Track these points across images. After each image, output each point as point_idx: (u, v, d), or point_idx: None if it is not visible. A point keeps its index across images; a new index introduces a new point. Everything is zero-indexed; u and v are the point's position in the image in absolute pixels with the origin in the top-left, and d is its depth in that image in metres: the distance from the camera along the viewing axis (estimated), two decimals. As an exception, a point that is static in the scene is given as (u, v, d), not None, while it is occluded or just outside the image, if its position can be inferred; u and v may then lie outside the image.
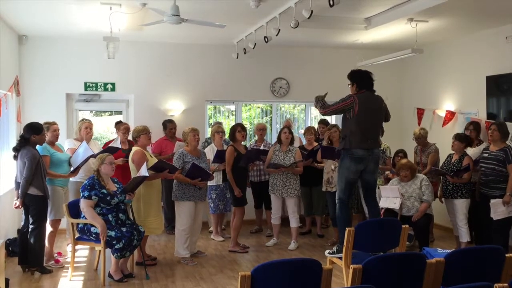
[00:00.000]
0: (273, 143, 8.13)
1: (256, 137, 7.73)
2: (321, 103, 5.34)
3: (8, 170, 6.36)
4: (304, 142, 7.72)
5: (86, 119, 6.78)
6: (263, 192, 7.15)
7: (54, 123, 6.07)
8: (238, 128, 6.50)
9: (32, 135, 5.47)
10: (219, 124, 7.55)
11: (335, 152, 6.16)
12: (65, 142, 6.59)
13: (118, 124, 7.12)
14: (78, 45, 7.73)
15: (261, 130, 7.60)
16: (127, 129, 6.89)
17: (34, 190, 5.40)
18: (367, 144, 5.10)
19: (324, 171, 6.80)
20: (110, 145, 6.66)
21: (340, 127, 5.77)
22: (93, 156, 5.95)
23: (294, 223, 6.78)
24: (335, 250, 5.03)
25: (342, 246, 4.45)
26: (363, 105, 5.08)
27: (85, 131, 6.51)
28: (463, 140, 6.31)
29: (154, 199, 5.87)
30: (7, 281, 4.85)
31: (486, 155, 5.94)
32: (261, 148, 7.28)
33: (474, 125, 6.69)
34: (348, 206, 5.41)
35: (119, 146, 6.60)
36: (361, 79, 5.25)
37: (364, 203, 6.60)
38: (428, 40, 7.63)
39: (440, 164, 6.77)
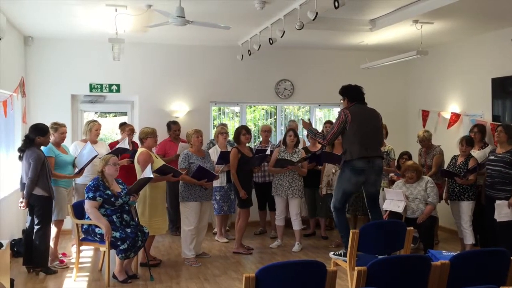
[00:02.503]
0: (276, 143, 8.13)
1: (261, 138, 7.73)
2: (320, 135, 5.53)
3: (14, 171, 6.39)
4: (308, 143, 7.72)
5: (95, 120, 6.81)
6: (267, 193, 7.15)
7: (63, 125, 6.09)
8: (243, 131, 6.49)
9: (37, 137, 5.50)
10: (223, 125, 7.56)
11: (335, 157, 6.23)
12: (71, 146, 6.61)
13: (123, 125, 7.14)
14: (83, 46, 7.76)
15: (266, 131, 7.60)
16: (132, 131, 6.91)
17: (39, 190, 5.42)
18: (366, 152, 5.10)
19: (324, 174, 6.80)
20: (118, 145, 6.67)
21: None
22: (97, 156, 5.99)
23: (297, 225, 6.78)
24: (343, 253, 5.01)
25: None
26: (356, 115, 5.15)
27: (96, 133, 6.57)
28: (473, 144, 6.32)
29: (160, 199, 5.89)
30: (12, 282, 4.86)
31: (492, 157, 5.91)
32: (267, 149, 7.27)
33: (478, 127, 6.67)
34: (344, 212, 5.41)
35: (127, 146, 6.61)
36: (350, 93, 5.35)
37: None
38: (433, 42, 7.61)
39: (445, 166, 6.75)
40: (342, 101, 5.44)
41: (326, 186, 6.78)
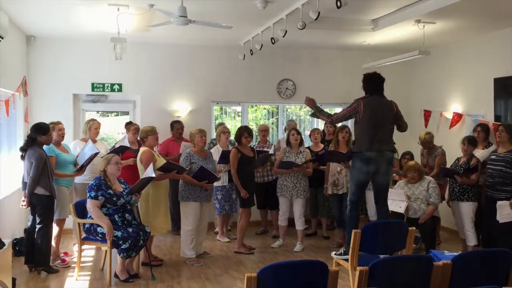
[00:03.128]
0: (275, 142, 8.11)
1: (259, 138, 7.72)
2: (325, 113, 5.50)
3: (16, 170, 6.39)
4: (308, 143, 7.70)
5: (95, 119, 6.83)
6: (268, 193, 7.15)
7: (59, 123, 6.10)
8: (245, 134, 6.45)
9: (39, 136, 5.50)
10: (222, 124, 7.56)
11: (340, 155, 6.22)
12: (71, 144, 6.62)
13: (128, 124, 7.14)
14: (86, 46, 7.76)
15: (264, 131, 7.59)
16: (137, 130, 6.90)
17: (41, 190, 5.43)
18: (374, 146, 5.12)
19: (329, 173, 6.78)
20: (117, 144, 6.67)
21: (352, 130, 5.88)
22: (97, 154, 5.98)
23: (300, 225, 6.77)
24: (342, 252, 5.03)
25: (349, 248, 4.45)
26: (368, 108, 5.15)
27: (95, 132, 6.58)
28: (475, 143, 6.30)
29: (162, 199, 5.89)
30: (14, 281, 4.86)
31: (494, 157, 5.90)
32: (268, 150, 7.26)
33: (482, 126, 6.65)
34: (358, 208, 5.44)
35: (127, 144, 6.61)
36: (367, 84, 5.34)
37: (370, 206, 6.60)
38: (435, 41, 7.59)
39: (448, 167, 6.74)
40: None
41: (331, 185, 6.74)
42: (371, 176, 5.29)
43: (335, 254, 5.13)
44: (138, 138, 6.78)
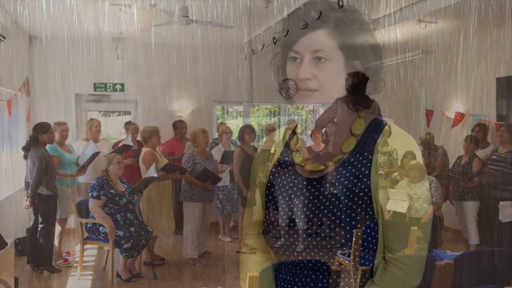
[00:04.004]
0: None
1: (265, 139, 7.70)
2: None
3: (18, 170, 6.40)
4: (309, 143, 7.69)
5: (93, 118, 6.85)
6: (269, 192, 7.13)
7: (62, 123, 6.11)
8: (247, 131, 6.48)
9: (39, 134, 5.51)
10: (224, 124, 7.57)
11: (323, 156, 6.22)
12: (75, 144, 6.64)
13: (127, 124, 7.16)
14: (88, 45, 7.74)
15: (271, 131, 7.58)
16: (136, 129, 6.91)
17: (43, 189, 5.44)
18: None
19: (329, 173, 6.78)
20: (121, 143, 6.68)
21: None
22: (98, 154, 5.99)
23: (302, 224, 6.75)
24: (347, 253, 5.01)
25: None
26: (347, 106, 5.11)
27: (96, 130, 6.59)
28: (478, 143, 6.30)
29: (165, 199, 5.89)
30: (16, 280, 4.86)
31: (495, 157, 5.89)
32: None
33: (480, 126, 6.66)
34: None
35: (130, 143, 6.62)
36: (348, 82, 5.30)
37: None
38: (437, 41, 7.57)
39: (450, 166, 6.73)
40: None
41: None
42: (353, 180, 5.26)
43: (340, 253, 5.12)
44: (138, 138, 6.79)
